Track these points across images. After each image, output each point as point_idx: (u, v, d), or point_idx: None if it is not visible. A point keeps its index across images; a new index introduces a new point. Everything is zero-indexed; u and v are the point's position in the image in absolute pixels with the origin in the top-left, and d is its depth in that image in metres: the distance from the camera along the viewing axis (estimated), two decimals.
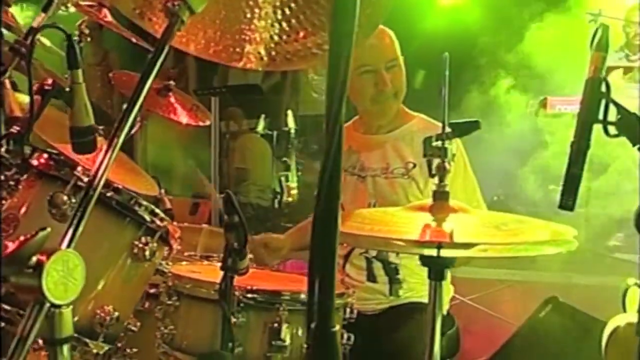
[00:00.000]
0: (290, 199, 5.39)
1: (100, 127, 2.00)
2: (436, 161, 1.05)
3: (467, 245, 0.92)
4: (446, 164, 1.04)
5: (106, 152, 0.72)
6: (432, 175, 1.06)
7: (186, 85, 5.13)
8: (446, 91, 1.08)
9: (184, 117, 3.16)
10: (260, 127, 6.00)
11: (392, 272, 1.95)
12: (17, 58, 1.29)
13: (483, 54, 4.85)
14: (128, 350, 1.37)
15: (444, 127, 1.05)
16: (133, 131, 3.00)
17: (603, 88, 0.96)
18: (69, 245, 0.65)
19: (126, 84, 2.74)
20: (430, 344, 1.07)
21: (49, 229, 0.63)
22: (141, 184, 2.11)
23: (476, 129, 1.08)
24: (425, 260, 1.05)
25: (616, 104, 0.96)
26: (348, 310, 1.49)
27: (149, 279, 1.25)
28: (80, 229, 0.67)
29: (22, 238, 0.61)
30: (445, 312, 2.07)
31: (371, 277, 1.96)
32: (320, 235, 0.57)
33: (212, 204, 3.68)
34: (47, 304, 0.60)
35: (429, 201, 1.06)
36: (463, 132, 1.05)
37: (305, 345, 1.30)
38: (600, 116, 0.96)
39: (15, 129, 1.06)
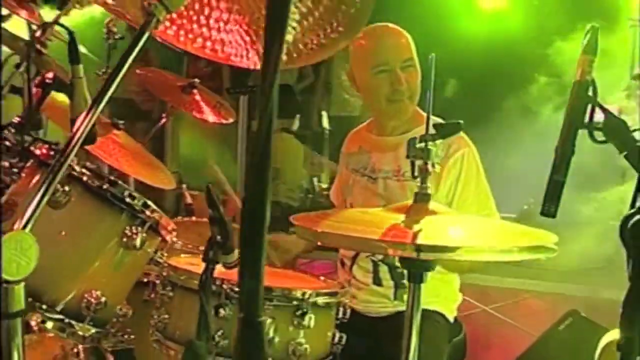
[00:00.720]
0: (322, 200, 5.41)
1: (121, 122, 2.08)
2: (419, 162, 1.04)
3: (430, 248, 0.91)
4: (429, 166, 1.03)
5: (76, 131, 0.75)
6: (414, 177, 1.06)
7: (220, 84, 5.23)
8: (431, 92, 1.07)
9: (209, 115, 3.23)
10: (295, 127, 6.07)
11: (398, 276, 1.93)
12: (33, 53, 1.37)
13: (521, 60, 4.75)
14: (126, 337, 1.42)
15: (427, 129, 1.04)
16: (158, 126, 3.09)
17: (590, 92, 0.93)
18: (25, 227, 0.69)
19: (151, 80, 2.84)
20: (407, 347, 1.07)
21: None
22: (157, 178, 2.18)
23: (458, 130, 1.07)
24: (403, 262, 1.05)
25: (603, 109, 0.92)
26: (341, 310, 1.49)
27: (141, 269, 1.30)
28: (39, 210, 0.70)
29: None
30: (452, 319, 2.05)
31: (377, 280, 1.95)
32: (249, 225, 0.58)
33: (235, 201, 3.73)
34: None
35: (409, 202, 1.06)
36: (446, 134, 1.04)
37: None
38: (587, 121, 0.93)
39: (16, 119, 1.12)
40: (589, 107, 0.91)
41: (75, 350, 1.36)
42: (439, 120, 1.99)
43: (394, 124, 1.97)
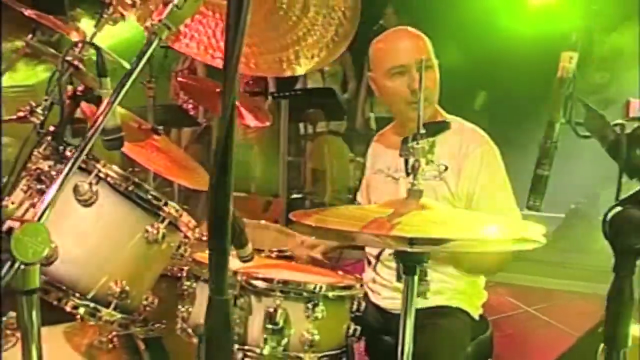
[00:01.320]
0: None
1: (160, 127, 2.24)
2: (411, 160, 1.09)
3: (404, 240, 0.96)
4: (420, 163, 1.09)
5: (91, 133, 0.86)
6: (408, 174, 1.11)
7: (266, 87, 5.39)
8: (421, 93, 1.12)
9: (251, 120, 3.36)
10: (343, 128, 6.17)
11: (420, 274, 1.98)
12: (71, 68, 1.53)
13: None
14: (157, 325, 1.55)
15: (418, 128, 1.09)
16: (198, 130, 3.27)
17: (570, 88, 0.95)
18: (40, 218, 0.81)
19: (190, 87, 3.00)
20: (402, 339, 1.11)
21: (14, 205, 0.78)
22: (194, 180, 2.31)
23: (446, 129, 1.12)
24: (398, 255, 1.10)
25: (584, 104, 0.95)
26: (356, 303, 1.55)
27: (164, 262, 1.42)
28: (53, 203, 0.81)
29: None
30: (478, 317, 2.05)
31: (400, 278, 2.00)
32: (215, 219, 0.66)
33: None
34: (18, 262, 0.77)
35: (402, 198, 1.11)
36: (434, 133, 1.09)
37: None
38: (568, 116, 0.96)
39: (51, 128, 1.27)
40: (570, 102, 0.94)
41: (110, 337, 1.51)
42: (472, 126, 2.02)
43: (414, 125, 2.00)
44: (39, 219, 0.79)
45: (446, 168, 1.94)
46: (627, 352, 0.95)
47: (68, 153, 1.28)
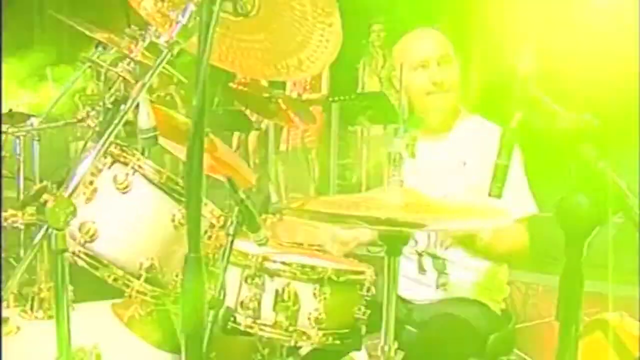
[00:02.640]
0: None
1: (208, 130, 2.49)
2: (393, 153, 1.22)
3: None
4: (403, 155, 1.21)
5: (109, 133, 1.08)
6: (390, 165, 1.24)
7: (319, 92, 5.59)
8: (402, 93, 1.25)
9: (300, 123, 3.54)
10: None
11: (440, 266, 2.08)
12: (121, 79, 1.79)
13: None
14: None
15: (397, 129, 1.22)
16: (244, 137, 3.50)
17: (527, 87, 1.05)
18: (70, 195, 1.03)
19: (240, 93, 3.22)
20: (386, 324, 1.23)
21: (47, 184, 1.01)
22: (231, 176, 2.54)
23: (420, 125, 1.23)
24: (382, 237, 1.23)
25: (539, 100, 1.04)
26: (365, 288, 1.68)
27: None
28: (81, 181, 1.03)
29: (39, 185, 1.01)
30: (499, 311, 2.11)
31: (421, 270, 2.11)
32: (188, 197, 0.84)
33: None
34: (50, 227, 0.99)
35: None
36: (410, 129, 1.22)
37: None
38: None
39: (97, 129, 1.52)
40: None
41: (149, 310, 1.75)
42: (493, 125, 2.09)
43: (437, 119, 2.09)
44: (70, 195, 1.01)
45: (465, 163, 2.04)
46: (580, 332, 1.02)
47: (112, 149, 1.53)
